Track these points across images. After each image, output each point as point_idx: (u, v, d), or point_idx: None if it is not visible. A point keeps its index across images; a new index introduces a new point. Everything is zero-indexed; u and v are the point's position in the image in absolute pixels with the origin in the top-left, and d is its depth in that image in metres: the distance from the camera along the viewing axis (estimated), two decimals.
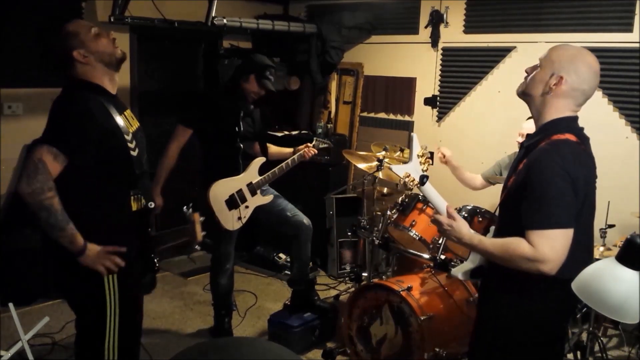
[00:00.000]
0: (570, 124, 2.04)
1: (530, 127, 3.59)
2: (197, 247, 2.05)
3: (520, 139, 3.41)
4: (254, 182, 3.53)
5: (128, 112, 2.30)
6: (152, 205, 2.29)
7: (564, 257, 1.88)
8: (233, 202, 3.48)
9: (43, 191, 2.00)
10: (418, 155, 2.26)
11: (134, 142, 2.22)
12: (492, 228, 2.29)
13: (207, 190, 3.43)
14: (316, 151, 3.67)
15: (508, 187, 2.10)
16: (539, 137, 2.03)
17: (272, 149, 3.82)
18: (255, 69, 3.47)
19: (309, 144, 3.66)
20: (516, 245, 1.91)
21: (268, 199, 3.64)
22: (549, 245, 1.86)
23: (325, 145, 3.84)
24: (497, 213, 2.22)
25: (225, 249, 3.64)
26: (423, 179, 2.15)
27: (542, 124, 2.05)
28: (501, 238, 2.01)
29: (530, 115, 2.15)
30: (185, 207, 2.05)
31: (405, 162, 2.27)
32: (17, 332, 3.19)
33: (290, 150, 3.74)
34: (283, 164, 3.58)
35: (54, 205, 2.02)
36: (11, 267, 3.90)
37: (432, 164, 4.93)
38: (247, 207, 3.53)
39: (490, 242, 2.04)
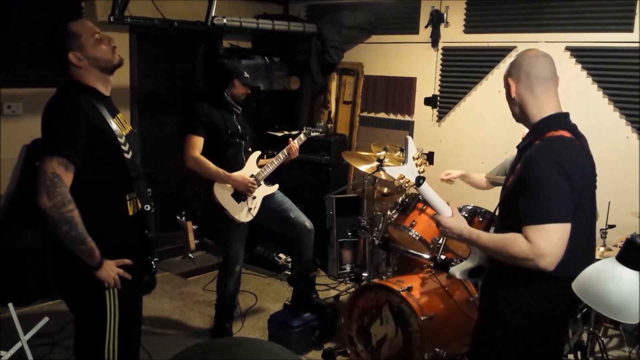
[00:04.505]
0: (561, 120, 2.05)
1: None
2: (190, 255, 2.05)
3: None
4: (255, 173, 3.62)
5: (121, 116, 2.28)
6: (148, 208, 2.28)
7: (561, 252, 1.88)
8: (239, 195, 3.55)
9: (64, 204, 2.01)
10: (414, 157, 2.25)
11: (127, 145, 2.21)
12: (492, 229, 2.29)
13: (212, 188, 3.49)
14: (297, 146, 3.70)
15: (507, 187, 2.10)
16: (533, 137, 2.04)
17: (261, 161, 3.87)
18: (235, 73, 3.60)
19: (290, 139, 3.75)
20: (513, 240, 1.91)
21: (274, 188, 3.74)
22: (546, 240, 1.86)
23: (316, 134, 3.95)
24: (496, 213, 2.22)
25: (235, 250, 3.66)
26: (419, 181, 2.15)
27: (532, 124, 2.07)
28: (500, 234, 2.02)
29: None
30: (178, 216, 2.05)
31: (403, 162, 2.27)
32: (16, 332, 3.19)
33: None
34: (280, 154, 3.68)
35: (75, 217, 2.03)
36: (11, 267, 3.90)
37: (433, 164, 4.96)
38: (254, 197, 3.61)
39: (488, 237, 2.05)
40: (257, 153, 3.73)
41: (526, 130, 2.14)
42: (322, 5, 5.52)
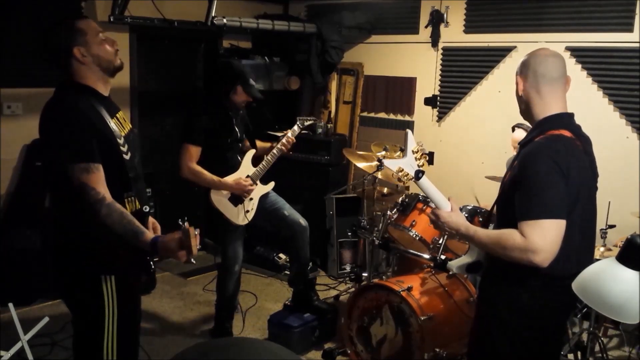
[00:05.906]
0: (564, 120, 2.06)
1: (519, 135, 3.63)
2: (192, 261, 2.03)
3: (514, 152, 3.41)
4: (250, 174, 3.60)
5: (120, 114, 2.28)
6: (147, 209, 2.28)
7: (555, 248, 1.88)
8: (236, 198, 3.54)
9: (100, 208, 2.03)
10: (413, 151, 2.25)
11: (126, 146, 2.20)
12: (492, 226, 2.29)
13: (209, 194, 3.50)
14: (293, 139, 3.69)
15: (504, 182, 2.11)
16: (534, 134, 2.05)
17: (258, 143, 3.87)
18: (240, 79, 3.49)
19: (286, 132, 3.74)
20: (508, 235, 1.92)
21: (269, 187, 3.72)
22: (540, 235, 1.86)
23: (310, 122, 3.99)
24: (494, 209, 2.23)
25: (234, 251, 3.66)
26: (418, 174, 2.14)
27: (536, 121, 2.08)
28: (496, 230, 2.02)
29: (517, 123, 2.17)
30: (180, 219, 2.03)
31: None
32: (16, 332, 3.19)
33: (269, 144, 3.80)
34: (274, 150, 3.64)
35: (104, 218, 2.03)
36: (11, 267, 3.90)
37: (433, 164, 4.95)
38: (251, 199, 3.60)
39: (484, 233, 2.06)
40: (252, 152, 3.69)
41: (522, 135, 2.15)
42: (322, 5, 5.52)
